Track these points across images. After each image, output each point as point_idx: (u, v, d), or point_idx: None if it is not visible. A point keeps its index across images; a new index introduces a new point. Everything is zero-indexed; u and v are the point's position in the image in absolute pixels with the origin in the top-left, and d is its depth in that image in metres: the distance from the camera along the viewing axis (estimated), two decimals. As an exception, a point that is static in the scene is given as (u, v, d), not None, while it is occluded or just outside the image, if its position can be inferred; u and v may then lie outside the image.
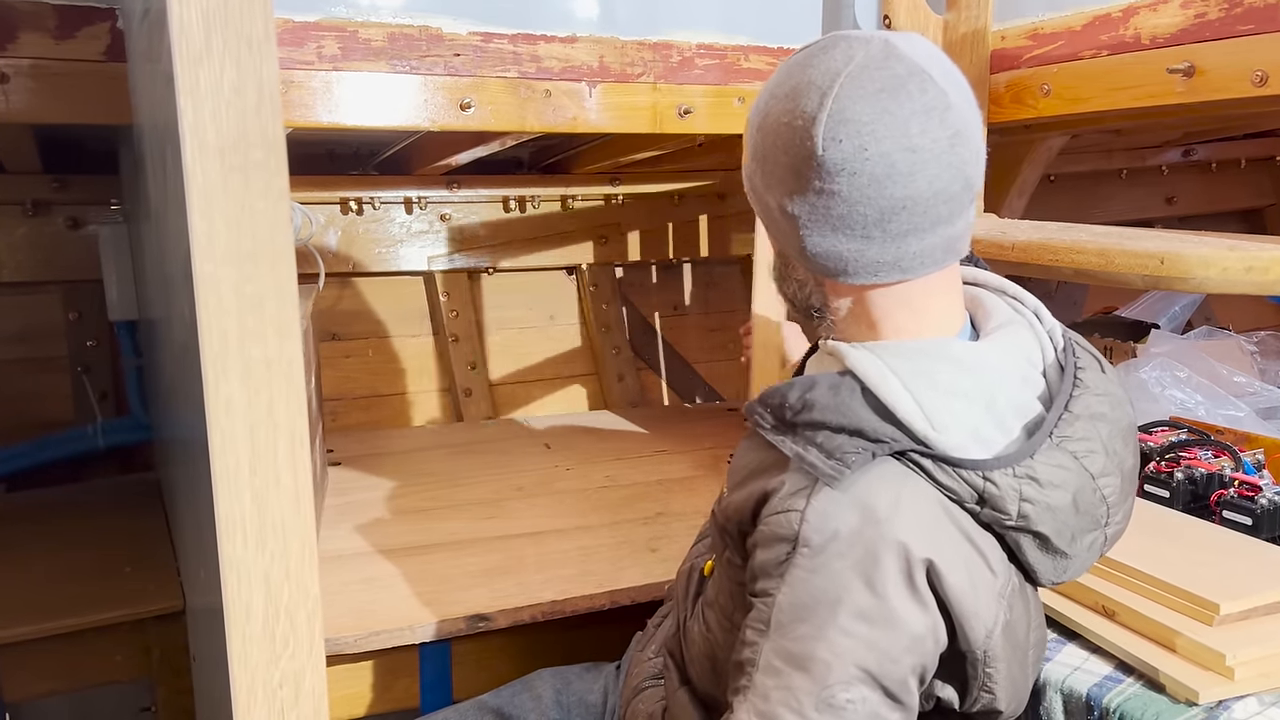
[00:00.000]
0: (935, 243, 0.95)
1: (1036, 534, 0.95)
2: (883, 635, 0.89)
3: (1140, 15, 1.59)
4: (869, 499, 0.92)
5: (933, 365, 0.96)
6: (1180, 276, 1.36)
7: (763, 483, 0.98)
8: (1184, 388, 2.05)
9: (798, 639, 0.90)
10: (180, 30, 0.68)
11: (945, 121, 0.92)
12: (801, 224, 0.95)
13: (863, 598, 0.89)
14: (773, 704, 0.89)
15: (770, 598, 0.92)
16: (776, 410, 0.98)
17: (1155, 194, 3.15)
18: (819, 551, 0.90)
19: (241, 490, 0.73)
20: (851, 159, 0.91)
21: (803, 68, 0.95)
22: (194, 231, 0.69)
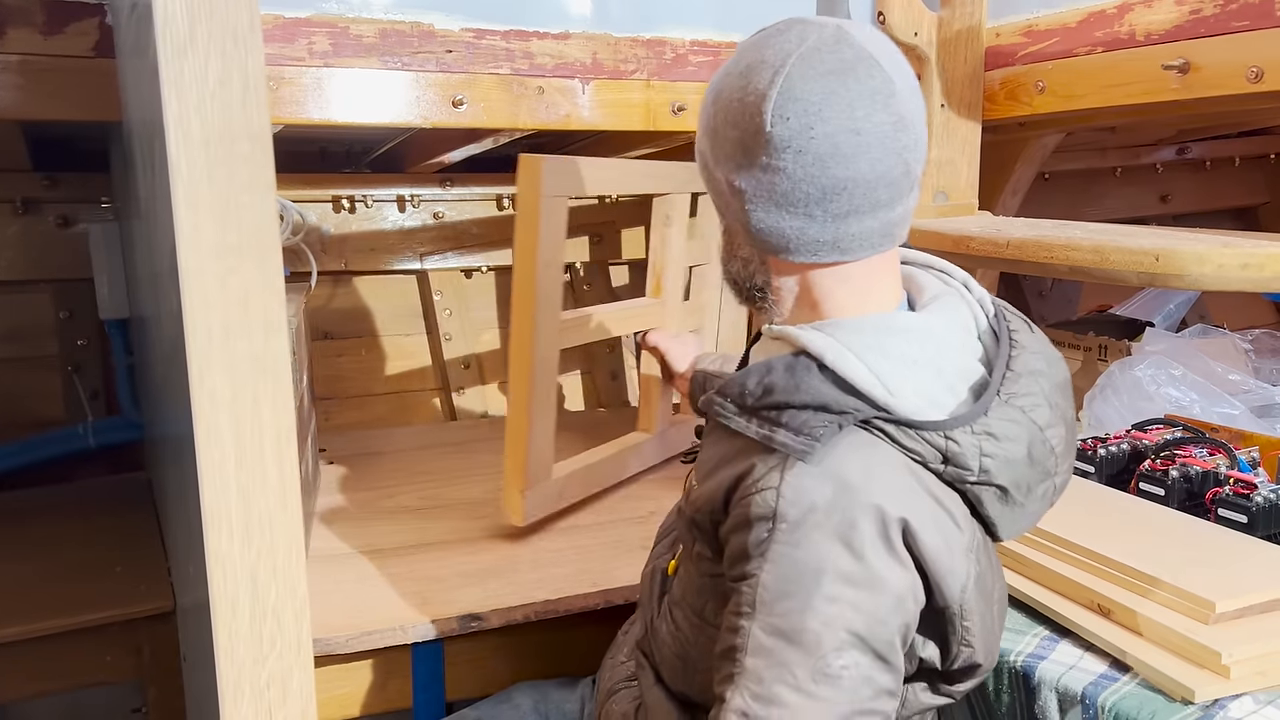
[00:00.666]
0: (874, 226, 0.99)
1: (998, 487, 0.98)
2: (868, 597, 0.91)
3: (1135, 12, 1.59)
4: (841, 468, 0.94)
5: (881, 338, 0.99)
6: (1175, 273, 1.35)
7: (732, 470, 0.99)
8: (1179, 386, 2.05)
9: (785, 614, 0.91)
10: (165, 22, 0.67)
11: (889, 107, 0.95)
12: (748, 199, 0.98)
13: (845, 562, 0.91)
14: (767, 684, 0.90)
15: (753, 579, 0.92)
16: (737, 399, 1.00)
17: (1149, 192, 3.15)
18: (797, 525, 0.92)
19: (227, 485, 0.72)
20: (798, 136, 0.94)
21: (757, 47, 0.99)
22: (179, 225, 0.69)
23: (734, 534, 0.96)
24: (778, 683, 0.90)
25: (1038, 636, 1.27)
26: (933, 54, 1.83)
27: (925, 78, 1.85)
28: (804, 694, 0.89)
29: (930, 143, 1.87)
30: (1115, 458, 1.71)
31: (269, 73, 1.56)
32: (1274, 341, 2.47)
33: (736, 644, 0.93)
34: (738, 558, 0.95)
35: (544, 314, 1.58)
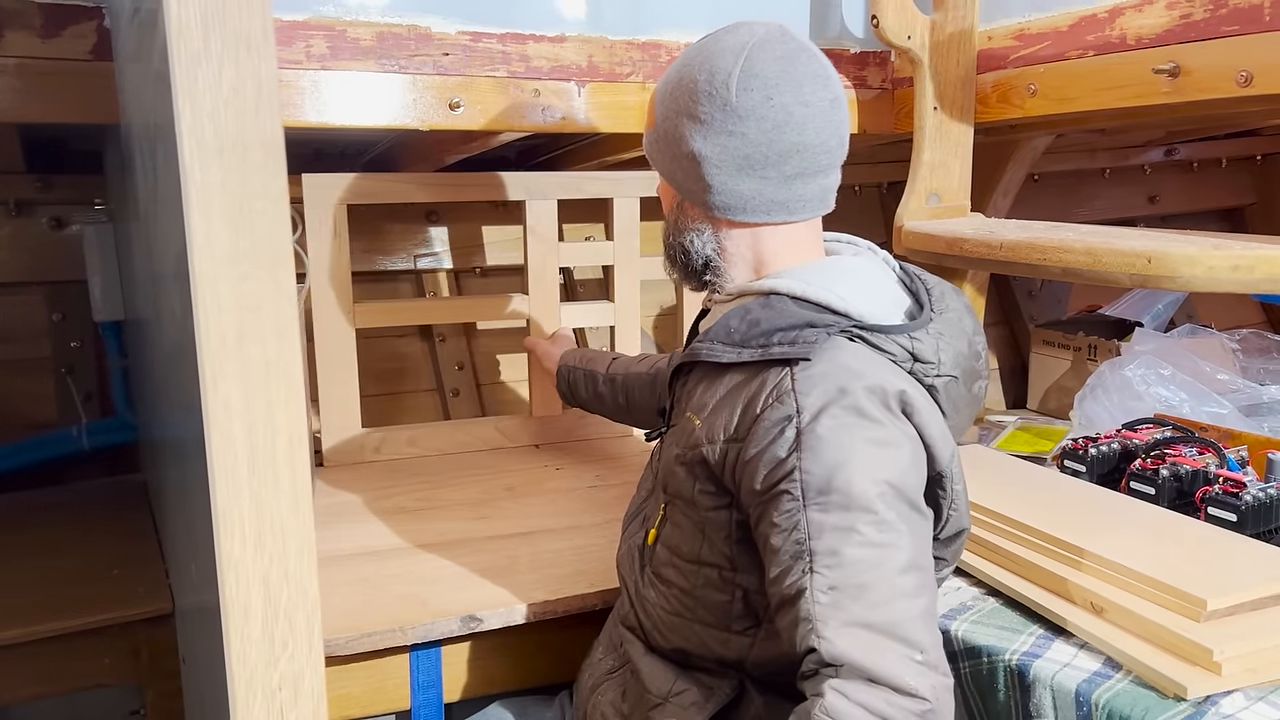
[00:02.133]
0: (816, 189, 1.19)
1: (953, 377, 1.15)
2: (893, 455, 1.04)
3: (1126, 16, 1.60)
4: (839, 361, 1.07)
5: (832, 275, 1.17)
6: (1167, 275, 1.37)
7: (740, 395, 1.11)
8: (1168, 385, 2.07)
9: (833, 488, 1.00)
10: (178, 31, 0.67)
11: (828, 87, 1.17)
12: (711, 164, 1.16)
13: (866, 431, 1.03)
14: (840, 553, 0.98)
15: (793, 473, 1.02)
16: (724, 338, 1.15)
17: (1138, 193, 3.17)
18: (818, 413, 1.03)
19: (240, 491, 0.73)
20: (759, 105, 1.13)
21: (713, 41, 1.20)
22: (192, 232, 0.69)
23: (760, 447, 1.05)
24: (848, 546, 0.98)
25: (1032, 635, 1.28)
26: (925, 57, 1.84)
27: (918, 81, 1.86)
28: (874, 546, 0.99)
29: (923, 145, 1.89)
30: (1106, 457, 1.73)
31: (266, 76, 1.57)
32: (1261, 341, 2.50)
33: (798, 538, 1.00)
34: (771, 466, 1.04)
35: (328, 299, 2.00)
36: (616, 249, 2.20)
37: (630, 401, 1.81)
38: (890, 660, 0.94)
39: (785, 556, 1.01)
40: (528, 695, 1.49)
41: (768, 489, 1.04)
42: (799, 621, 0.98)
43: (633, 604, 1.27)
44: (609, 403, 1.86)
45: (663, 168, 1.26)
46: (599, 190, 2.18)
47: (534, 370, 2.18)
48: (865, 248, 1.28)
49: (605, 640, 1.37)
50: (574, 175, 2.19)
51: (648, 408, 1.77)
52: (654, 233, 2.40)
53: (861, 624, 0.96)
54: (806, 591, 0.98)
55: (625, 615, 1.30)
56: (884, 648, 0.95)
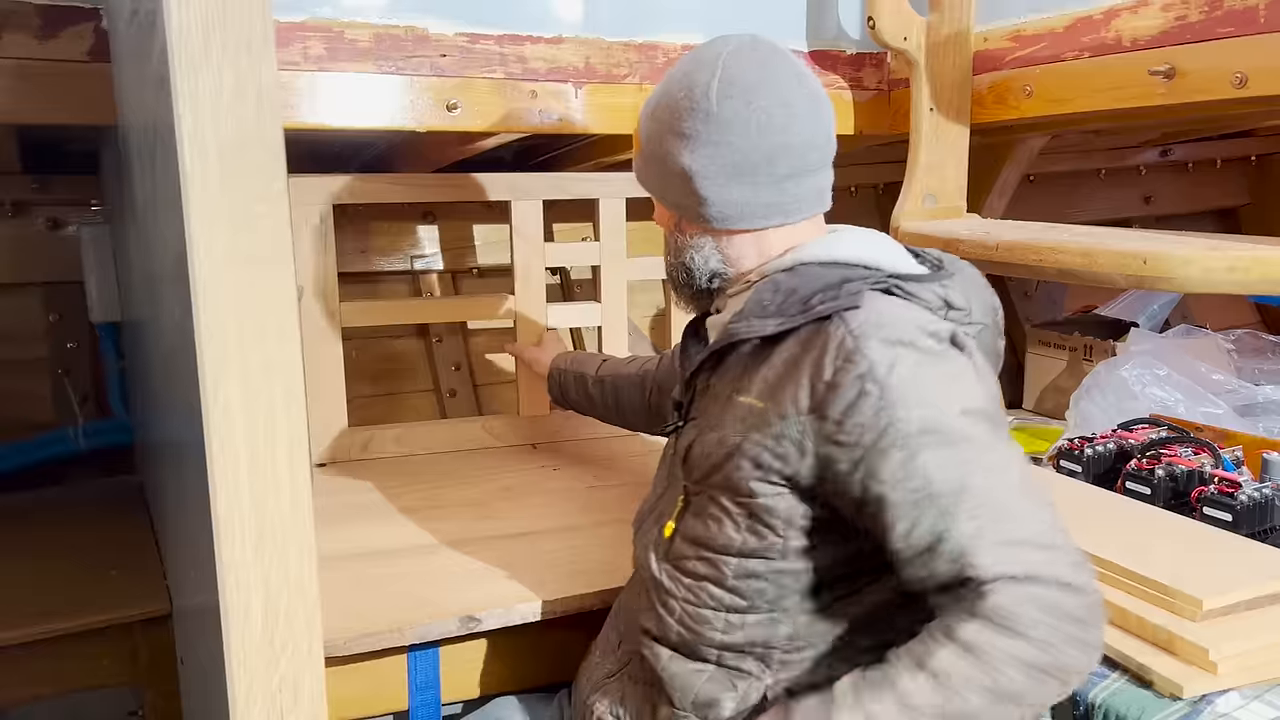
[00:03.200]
0: (810, 189, 1.20)
1: (984, 324, 1.18)
2: (968, 383, 1.06)
3: (1121, 18, 1.61)
4: (887, 309, 1.08)
5: (849, 241, 1.19)
6: (1163, 276, 1.38)
7: (801, 367, 1.08)
8: (1164, 386, 2.08)
9: (934, 429, 1.00)
10: (179, 34, 0.67)
11: (805, 86, 1.18)
12: (701, 176, 1.17)
13: (939, 366, 1.05)
14: (970, 488, 0.98)
15: (889, 430, 1.01)
16: (760, 313, 1.13)
17: (1133, 194, 3.18)
18: (892, 361, 1.03)
19: (240, 494, 0.73)
20: (741, 112, 1.14)
21: (688, 60, 1.21)
22: (193, 235, 0.69)
23: (844, 412, 1.03)
24: (970, 477, 0.99)
25: (1029, 634, 1.28)
26: (921, 59, 1.85)
27: (914, 82, 1.87)
28: (991, 469, 1.00)
29: (919, 146, 1.89)
30: (1102, 457, 1.74)
31: (264, 77, 1.57)
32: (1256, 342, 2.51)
33: (915, 486, 0.99)
34: (864, 428, 1.02)
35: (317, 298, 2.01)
36: (603, 249, 2.20)
37: (619, 402, 1.82)
38: (1047, 563, 0.96)
39: (907, 507, 1.00)
40: (527, 694, 1.49)
41: (867, 451, 1.02)
42: (947, 562, 0.98)
43: (654, 603, 1.23)
44: (599, 404, 1.87)
45: (655, 189, 1.27)
46: (585, 191, 2.18)
47: (521, 370, 2.19)
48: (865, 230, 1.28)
49: (603, 643, 1.36)
50: (560, 176, 2.20)
51: (637, 408, 1.78)
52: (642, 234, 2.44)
53: (1011, 542, 0.97)
54: (946, 531, 0.98)
55: (644, 617, 1.25)
56: (1040, 557, 0.96)
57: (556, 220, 2.59)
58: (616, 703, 1.26)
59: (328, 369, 2.05)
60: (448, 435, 2.20)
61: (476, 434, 2.21)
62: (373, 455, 2.13)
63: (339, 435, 2.10)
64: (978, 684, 0.93)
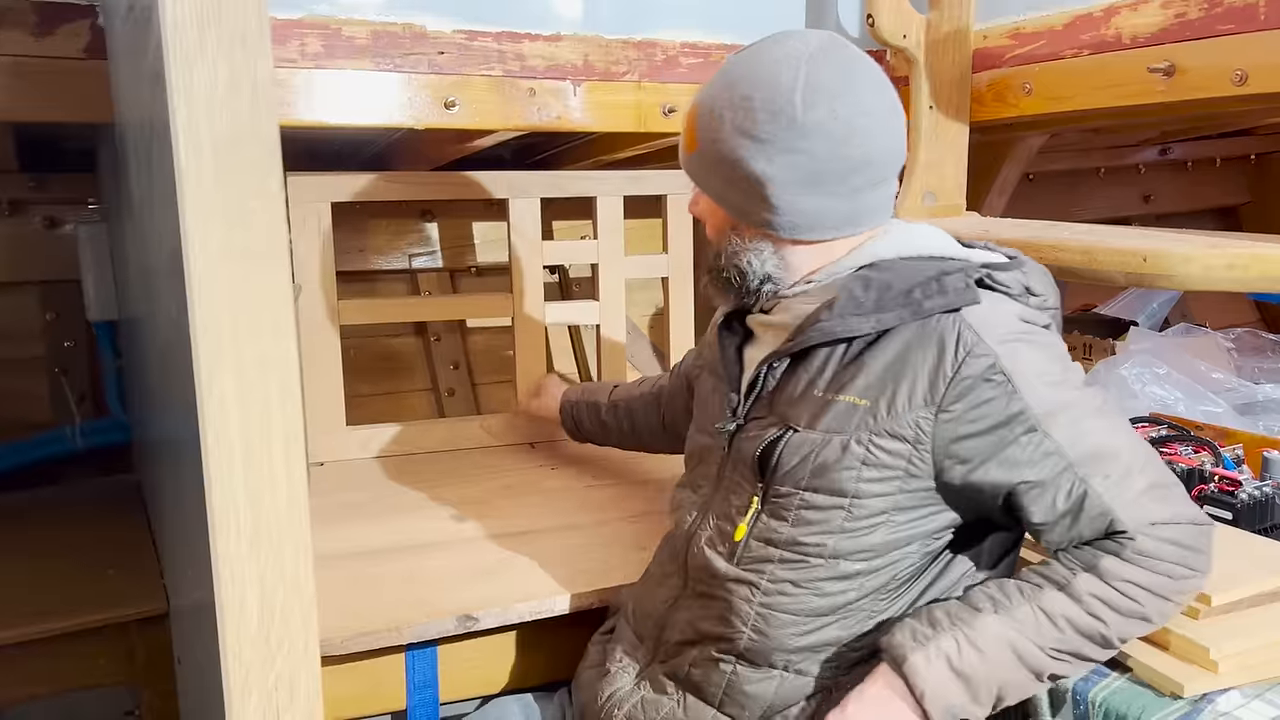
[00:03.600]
0: (881, 199, 1.16)
1: (1056, 309, 1.21)
2: (1068, 357, 1.15)
3: (1121, 15, 1.60)
4: (990, 299, 1.12)
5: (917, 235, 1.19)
6: (1163, 274, 1.37)
7: (915, 361, 1.10)
8: (1164, 384, 2.08)
9: (1061, 406, 1.08)
10: (173, 29, 0.67)
11: (885, 94, 1.14)
12: (775, 183, 1.12)
13: (1049, 348, 1.12)
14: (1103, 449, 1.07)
15: (1023, 415, 1.07)
16: (855, 310, 1.12)
17: (1132, 192, 3.18)
18: (1013, 350, 1.08)
19: (235, 490, 0.72)
20: (825, 121, 1.09)
21: (763, 54, 1.14)
22: (188, 231, 0.69)
23: (974, 404, 1.07)
24: (1099, 439, 1.08)
25: (1029, 633, 1.28)
26: (921, 56, 1.84)
27: (913, 80, 1.86)
28: (1112, 430, 1.10)
29: (918, 144, 1.89)
30: (1102, 456, 1.73)
31: (261, 74, 1.56)
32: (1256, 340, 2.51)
33: (1055, 461, 1.07)
34: (997, 416, 1.07)
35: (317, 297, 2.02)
36: (601, 247, 2.20)
37: (635, 425, 1.80)
38: (1179, 502, 1.09)
39: (1049, 480, 1.07)
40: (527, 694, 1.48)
41: (1001, 438, 1.07)
42: (1091, 519, 1.07)
43: (720, 609, 1.18)
44: (614, 430, 1.85)
45: (713, 190, 1.19)
46: (583, 189, 2.18)
47: (520, 367, 2.18)
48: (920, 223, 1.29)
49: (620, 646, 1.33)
50: (558, 174, 2.20)
51: (654, 429, 1.75)
52: (640, 232, 2.44)
53: (1147, 490, 1.07)
54: (1089, 492, 1.06)
55: (704, 623, 1.21)
56: (1170, 497, 1.08)
57: (556, 218, 2.59)
58: (638, 709, 1.24)
59: (326, 367, 2.05)
60: (446, 434, 2.19)
61: (474, 433, 2.21)
62: (371, 454, 2.13)
63: (337, 434, 2.09)
64: (1111, 605, 1.05)
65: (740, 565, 1.18)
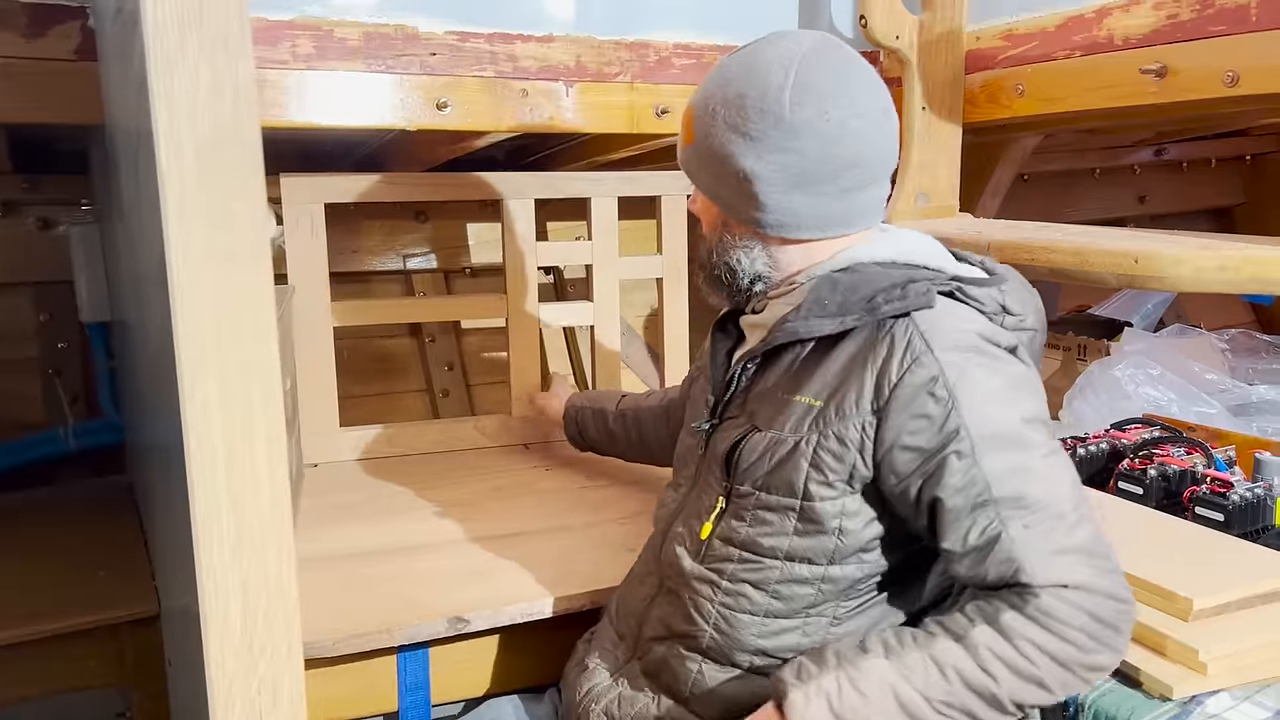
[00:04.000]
0: (871, 200, 1.16)
1: (1035, 330, 1.18)
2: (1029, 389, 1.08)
3: (1113, 16, 1.60)
4: (954, 312, 1.09)
5: (899, 242, 1.17)
6: (1154, 275, 1.37)
7: (865, 365, 1.08)
8: (1157, 385, 2.08)
9: (1000, 435, 1.03)
10: (154, 30, 0.67)
11: (878, 96, 1.14)
12: (764, 183, 1.12)
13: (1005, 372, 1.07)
14: (1028, 495, 1.02)
15: (958, 434, 1.03)
16: (820, 311, 1.11)
17: (1127, 193, 3.18)
18: (962, 365, 1.04)
19: (218, 495, 0.72)
20: (815, 120, 1.09)
21: (757, 53, 1.14)
22: (169, 234, 0.69)
23: (910, 414, 1.04)
24: (1029, 485, 1.02)
25: (1020, 635, 1.28)
26: (914, 57, 1.84)
27: (906, 81, 1.86)
28: (1049, 478, 1.03)
29: (911, 145, 1.89)
30: (1095, 457, 1.73)
31: (252, 76, 1.56)
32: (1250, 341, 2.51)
33: (978, 491, 1.02)
34: (930, 430, 1.04)
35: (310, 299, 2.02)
36: (595, 248, 2.20)
37: (643, 436, 1.78)
38: (1095, 574, 1.01)
39: (966, 510, 1.03)
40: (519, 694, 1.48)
41: (932, 454, 1.04)
42: (999, 564, 1.01)
43: (685, 606, 1.20)
44: (620, 439, 1.83)
45: (705, 186, 1.21)
46: (577, 190, 2.18)
47: (514, 369, 2.18)
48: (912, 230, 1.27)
49: (600, 643, 1.34)
50: (552, 175, 2.20)
51: (662, 441, 1.72)
52: (635, 233, 2.44)
53: (1063, 550, 1.01)
54: (1002, 535, 1.01)
55: (673, 620, 1.22)
56: (1095, 564, 1.01)
57: (550, 219, 2.58)
58: (614, 704, 1.25)
59: (319, 369, 2.05)
60: (439, 435, 2.19)
61: (469, 434, 2.20)
62: (364, 456, 2.13)
63: (330, 435, 2.09)
64: (1006, 662, 0.99)
65: (704, 563, 1.19)
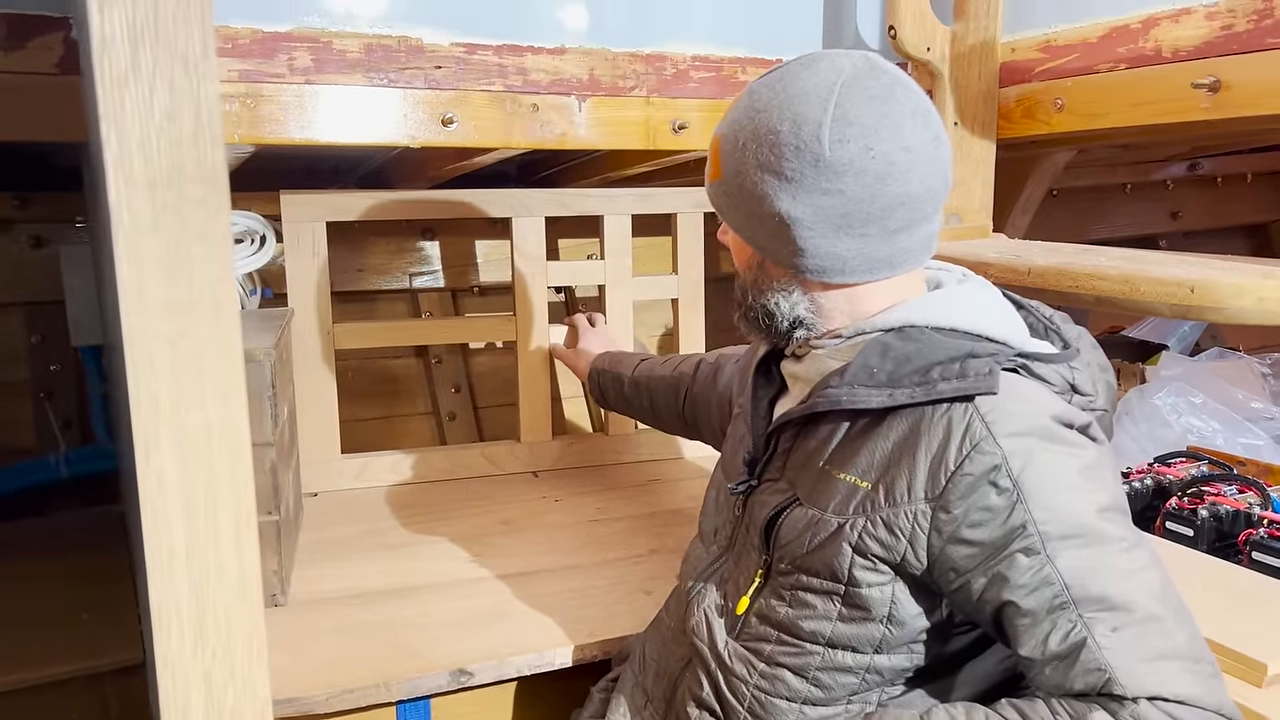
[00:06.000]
0: (920, 239, 1.05)
1: (1105, 410, 1.07)
2: (1105, 476, 0.97)
3: (1161, 27, 1.51)
4: (1019, 391, 0.97)
5: (963, 303, 1.05)
6: (1212, 306, 1.27)
7: (917, 447, 0.97)
8: (1200, 414, 1.97)
9: (1075, 531, 0.92)
10: (102, 46, 0.58)
11: (929, 125, 1.02)
12: (803, 226, 1.01)
13: (1078, 459, 0.95)
14: (1113, 595, 0.90)
15: (1026, 530, 0.92)
16: (867, 380, 1.00)
17: (1160, 209, 3.07)
18: (1028, 453, 0.93)
19: (177, 579, 0.63)
20: (858, 158, 0.98)
21: (790, 81, 1.03)
22: (121, 281, 0.60)
23: (970, 506, 0.94)
24: (1112, 583, 0.90)
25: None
26: (945, 70, 1.75)
27: (938, 94, 1.77)
28: (1134, 573, 0.91)
29: (942, 162, 1.79)
30: (1139, 494, 1.64)
31: (246, 90, 1.48)
32: (1293, 366, 2.40)
33: (1055, 592, 0.91)
34: (994, 526, 0.93)
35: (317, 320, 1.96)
36: (608, 268, 2.11)
37: (654, 405, 1.73)
38: (1201, 688, 0.89)
39: (1042, 613, 0.91)
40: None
41: (996, 550, 0.93)
42: (1086, 673, 0.90)
43: (717, 682, 1.10)
44: (635, 406, 1.79)
45: (737, 225, 1.10)
46: (589, 208, 2.10)
47: (523, 393, 2.10)
48: (960, 273, 1.15)
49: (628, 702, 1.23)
50: (563, 192, 2.11)
51: (672, 413, 1.69)
52: (649, 251, 2.35)
53: (1161, 656, 0.89)
54: (1087, 640, 0.89)
55: (703, 694, 1.12)
56: (1190, 674, 0.89)
57: (561, 236, 2.50)
58: None
59: (320, 394, 1.96)
60: (445, 463, 2.10)
61: (475, 461, 2.12)
62: (366, 484, 2.04)
63: (331, 463, 2.01)
64: None
65: (740, 640, 1.09)
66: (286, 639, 1.41)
